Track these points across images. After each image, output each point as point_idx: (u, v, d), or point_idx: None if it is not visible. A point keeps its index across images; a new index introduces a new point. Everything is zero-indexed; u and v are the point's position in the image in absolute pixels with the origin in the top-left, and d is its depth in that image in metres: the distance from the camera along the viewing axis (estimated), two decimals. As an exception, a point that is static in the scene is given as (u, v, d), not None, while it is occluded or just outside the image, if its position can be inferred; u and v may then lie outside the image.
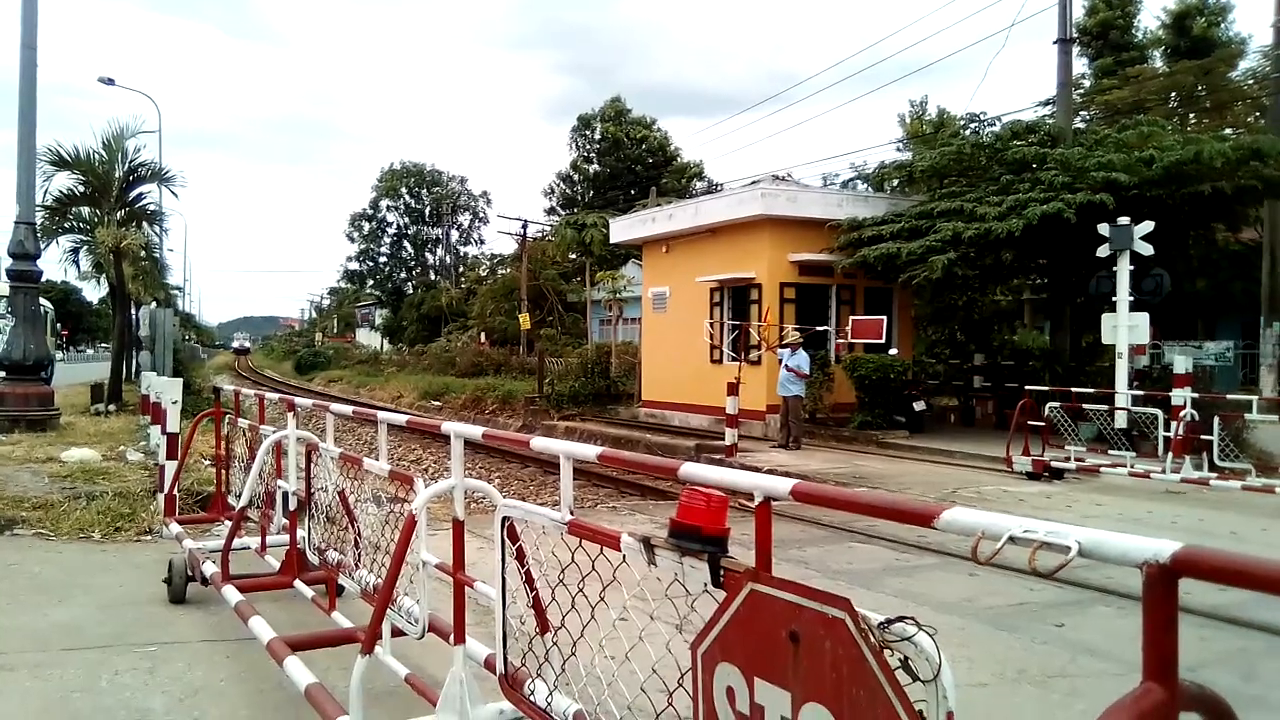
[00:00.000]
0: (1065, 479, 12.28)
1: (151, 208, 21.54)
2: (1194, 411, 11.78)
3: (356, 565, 4.40)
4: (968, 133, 20.42)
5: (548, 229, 44.78)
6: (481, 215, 72.09)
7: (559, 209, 57.54)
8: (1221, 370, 19.59)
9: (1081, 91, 31.27)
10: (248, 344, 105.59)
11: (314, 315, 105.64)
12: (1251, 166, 15.53)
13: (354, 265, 76.05)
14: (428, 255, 74.14)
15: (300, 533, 5.31)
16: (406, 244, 73.89)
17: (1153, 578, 1.43)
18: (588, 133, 58.93)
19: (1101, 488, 11.79)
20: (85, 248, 19.98)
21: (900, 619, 1.72)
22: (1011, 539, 1.61)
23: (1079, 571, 6.44)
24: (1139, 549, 1.46)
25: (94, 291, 30.63)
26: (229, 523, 6.16)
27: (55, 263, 20.98)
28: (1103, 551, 1.51)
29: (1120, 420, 12.85)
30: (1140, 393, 13.40)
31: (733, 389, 15.28)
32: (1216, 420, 11.45)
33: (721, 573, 2.17)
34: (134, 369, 21.81)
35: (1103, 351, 17.18)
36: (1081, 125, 23.76)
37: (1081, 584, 6.61)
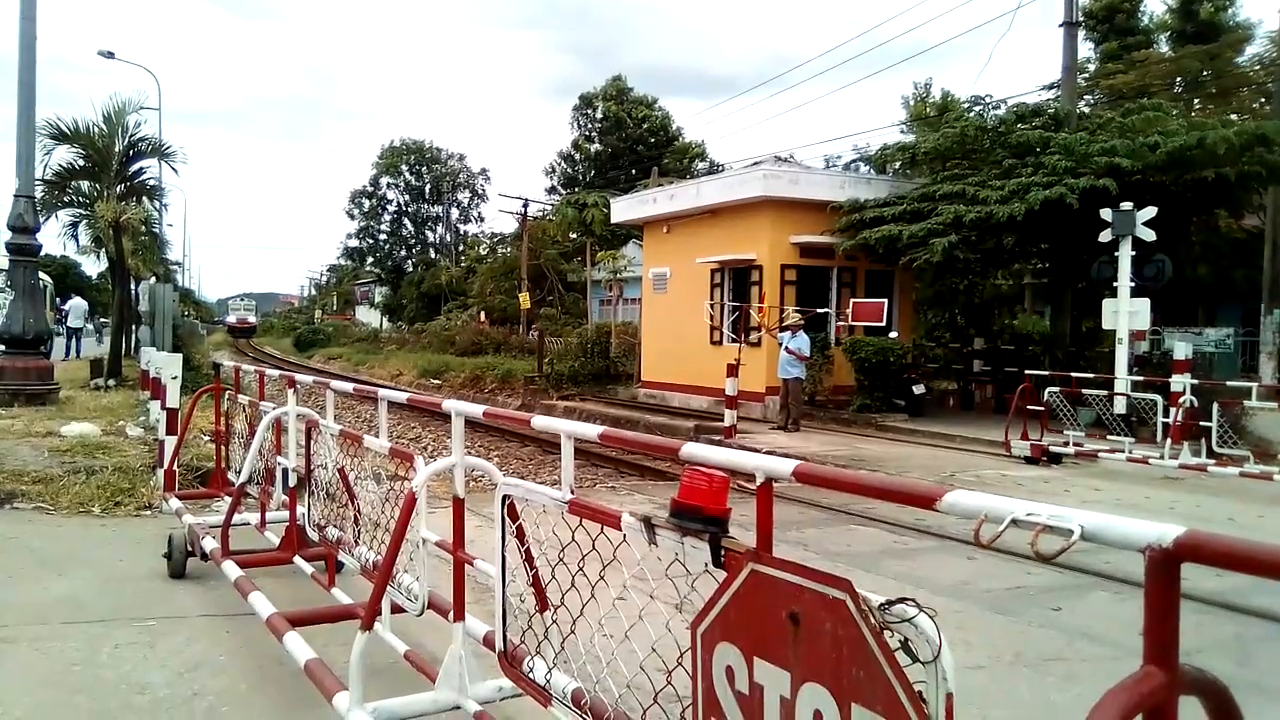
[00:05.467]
0: (1063, 464, 12.31)
1: (151, 183, 21.46)
2: (1193, 398, 11.80)
3: (356, 542, 4.41)
4: (971, 115, 20.27)
5: (548, 208, 44.62)
6: (481, 193, 71.82)
7: (560, 188, 57.31)
8: (1221, 357, 19.58)
9: (1086, 76, 31.09)
10: (252, 317, 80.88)
11: (313, 292, 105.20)
12: (1256, 152, 15.48)
13: (354, 243, 75.89)
14: (428, 233, 73.92)
15: (300, 509, 5.32)
16: (406, 221, 73.66)
17: (1155, 562, 1.43)
18: (589, 112, 58.63)
19: (1099, 473, 11.81)
20: (85, 222, 19.90)
21: (900, 601, 1.72)
22: (1014, 522, 1.61)
23: (1077, 556, 6.45)
24: (1142, 533, 1.45)
25: (93, 266, 30.55)
26: (229, 498, 6.17)
27: (54, 237, 20.88)
28: (1106, 535, 1.51)
29: (1119, 406, 12.87)
30: (1140, 378, 13.42)
31: (732, 370, 15.28)
32: (1215, 407, 11.46)
33: (722, 553, 2.17)
34: (133, 344, 21.80)
35: (1103, 337, 17.17)
36: (1086, 109, 23.64)
37: (1079, 568, 6.64)
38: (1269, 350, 19.92)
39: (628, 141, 56.61)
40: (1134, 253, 14.13)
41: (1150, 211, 13.90)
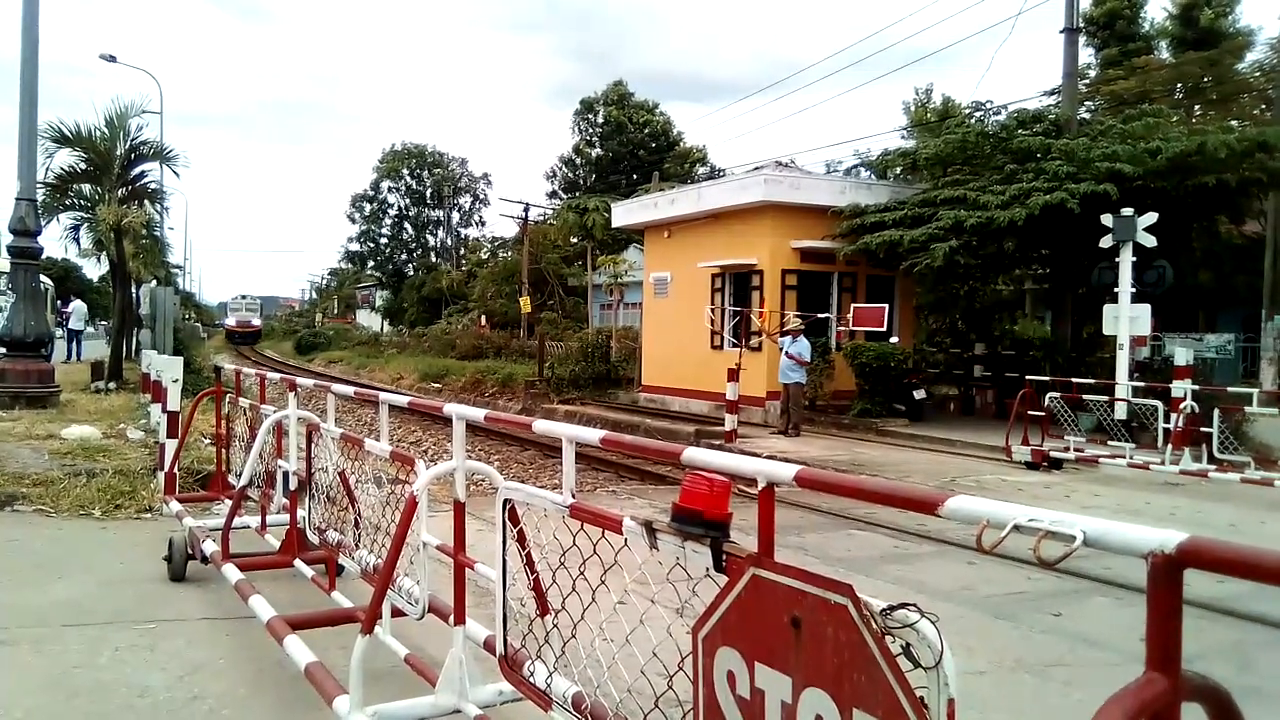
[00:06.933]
0: (1064, 469, 12.30)
1: (153, 186, 21.46)
2: (1194, 404, 11.79)
3: (356, 545, 4.41)
4: (972, 121, 20.28)
5: (549, 212, 44.68)
6: (482, 197, 71.88)
7: (561, 192, 57.39)
8: (1222, 363, 19.55)
9: (1087, 82, 31.10)
10: (255, 319, 72.78)
11: (314, 296, 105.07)
12: (1257, 158, 15.47)
13: (355, 246, 75.89)
14: (428, 237, 73.92)
15: (300, 512, 5.32)
16: (407, 225, 73.67)
17: (1158, 568, 1.43)
18: (590, 116, 58.72)
19: (1100, 479, 11.80)
20: (86, 225, 19.89)
21: (902, 606, 1.72)
22: (1016, 528, 1.61)
23: (1077, 561, 6.45)
24: (1144, 539, 1.45)
25: (94, 269, 30.49)
26: (229, 501, 6.17)
27: (56, 240, 20.88)
28: (1108, 541, 1.51)
29: (1120, 411, 12.86)
30: (1140, 384, 13.40)
31: (733, 375, 15.29)
32: (1216, 413, 11.46)
33: (724, 557, 2.17)
34: (134, 347, 21.80)
35: (1104, 342, 17.17)
36: (1087, 115, 23.64)
37: (1079, 574, 6.63)
38: (1270, 356, 19.89)
39: (629, 146, 56.68)
40: (1135, 258, 14.13)
41: (1151, 217, 13.90)
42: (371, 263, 75.59)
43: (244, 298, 75.71)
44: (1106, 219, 14.17)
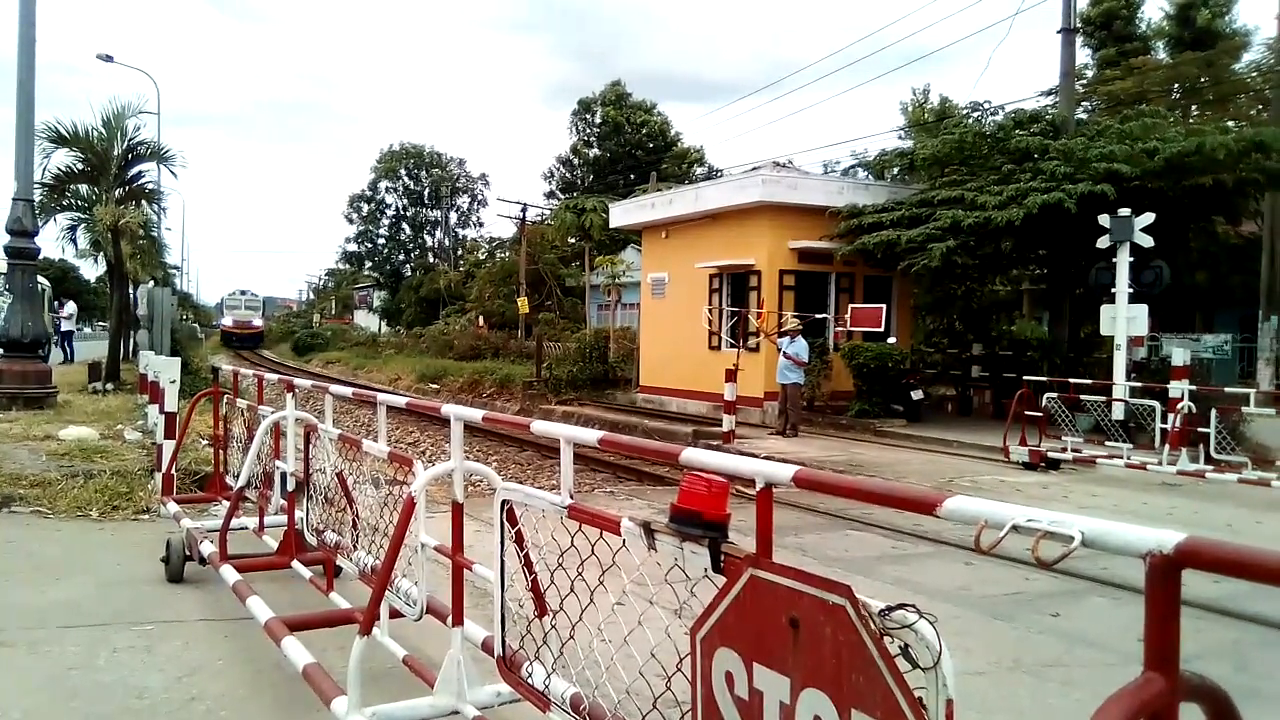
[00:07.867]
0: (1062, 470, 12.31)
1: (150, 186, 21.42)
2: (1191, 404, 11.80)
3: (354, 546, 4.41)
4: (970, 121, 20.29)
5: (547, 213, 44.66)
6: (480, 198, 71.83)
7: (558, 193, 57.33)
8: (1219, 363, 19.60)
9: (1084, 82, 31.12)
10: (256, 319, 65.62)
11: (312, 296, 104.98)
12: (1253, 159, 15.49)
13: (352, 247, 75.82)
14: (426, 237, 73.90)
15: (298, 513, 5.32)
16: (405, 226, 73.64)
17: (1156, 568, 1.43)
18: (588, 116, 58.68)
19: (1098, 479, 11.81)
20: (83, 225, 19.87)
21: (900, 606, 1.72)
22: (1015, 528, 1.61)
23: (1074, 561, 6.46)
24: (1142, 539, 1.46)
25: (92, 270, 30.47)
26: (227, 503, 6.16)
27: (53, 240, 20.79)
28: (1106, 541, 1.51)
29: (1117, 412, 12.87)
30: (1138, 384, 13.42)
31: (731, 375, 15.29)
32: (1213, 413, 11.47)
33: (722, 558, 2.17)
34: (131, 348, 21.77)
35: (1101, 343, 17.18)
36: (1084, 116, 23.67)
37: (1077, 574, 6.64)
38: (1266, 356, 19.95)
39: (626, 146, 56.65)
40: (1132, 259, 14.15)
41: (1148, 217, 13.92)
42: (369, 263, 75.55)
43: (243, 293, 67.17)
44: (1104, 219, 14.19)
